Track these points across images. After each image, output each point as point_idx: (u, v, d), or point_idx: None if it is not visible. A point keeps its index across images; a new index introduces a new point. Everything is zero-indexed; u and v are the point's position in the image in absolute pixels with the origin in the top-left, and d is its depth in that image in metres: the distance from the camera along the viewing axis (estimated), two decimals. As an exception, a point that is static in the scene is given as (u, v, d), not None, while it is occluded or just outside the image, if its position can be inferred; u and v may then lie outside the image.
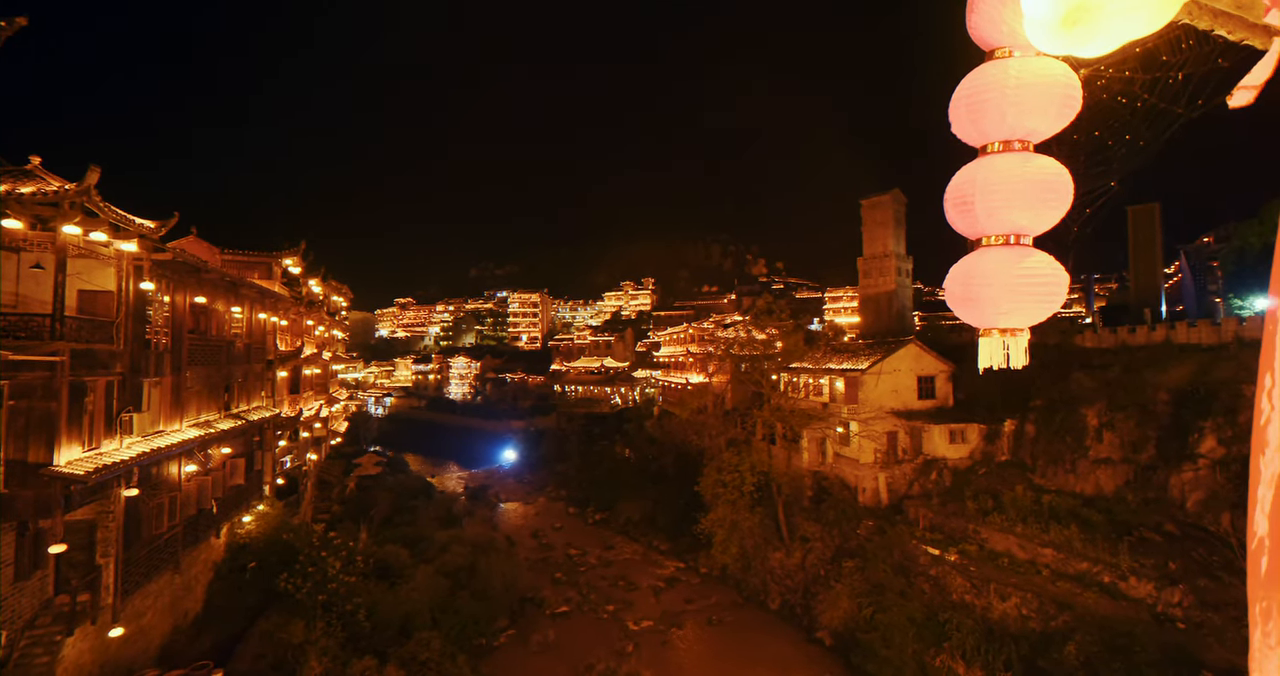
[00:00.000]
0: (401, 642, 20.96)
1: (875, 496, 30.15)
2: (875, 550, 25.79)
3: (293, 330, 31.73)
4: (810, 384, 36.71)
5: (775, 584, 29.44)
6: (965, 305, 3.06)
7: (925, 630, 21.21)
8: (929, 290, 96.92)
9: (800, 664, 24.20)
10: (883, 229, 49.77)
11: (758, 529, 30.47)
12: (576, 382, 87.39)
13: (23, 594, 12.91)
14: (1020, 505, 24.28)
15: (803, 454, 34.50)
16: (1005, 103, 2.92)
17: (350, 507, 36.72)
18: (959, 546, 23.95)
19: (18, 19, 10.45)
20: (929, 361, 33.03)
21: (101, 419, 14.53)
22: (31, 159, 13.39)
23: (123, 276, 15.22)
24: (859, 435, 31.08)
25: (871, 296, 50.58)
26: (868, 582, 24.66)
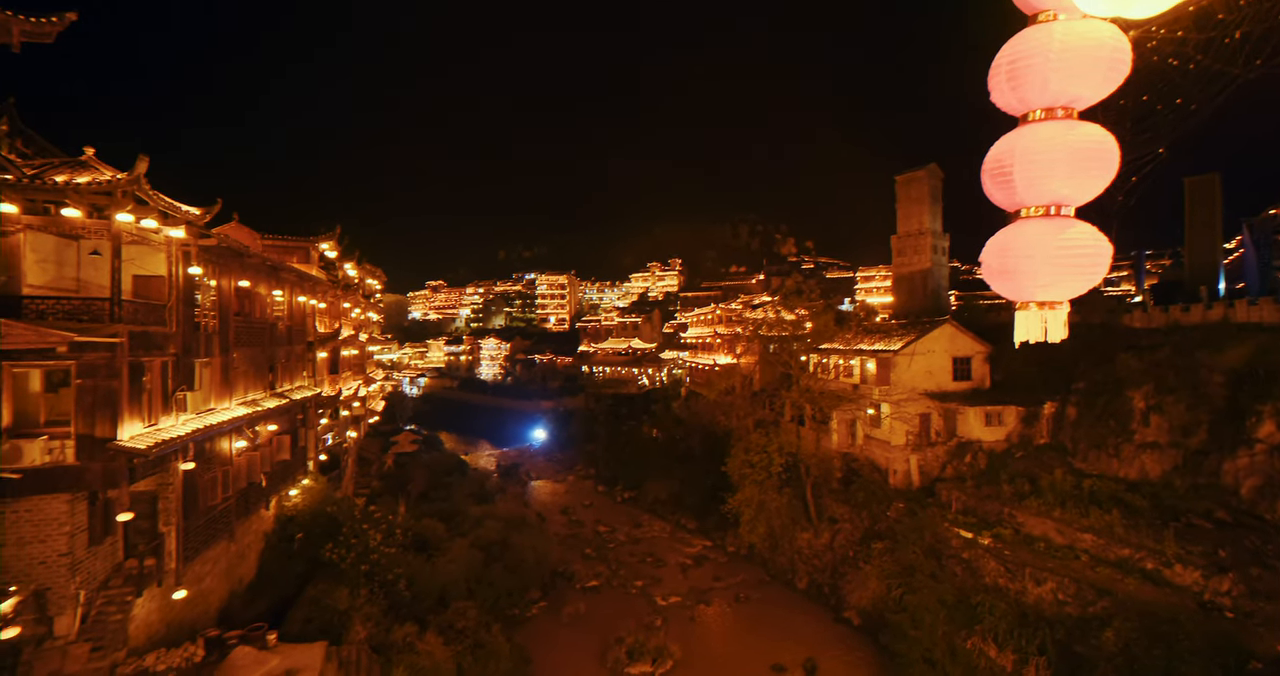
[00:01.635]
0: (439, 611, 21.94)
1: (906, 478, 29.79)
2: (906, 532, 25.60)
3: (330, 313, 32.77)
4: (840, 365, 36.18)
5: (803, 563, 29.60)
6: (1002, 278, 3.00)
7: (956, 612, 21.08)
8: (966, 268, 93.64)
9: (827, 642, 24.41)
10: (918, 205, 48.11)
11: (785, 509, 30.53)
12: (604, 363, 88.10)
13: (96, 557, 13.96)
14: (1059, 489, 23.67)
15: (832, 435, 34.20)
16: (1049, 68, 2.81)
17: (389, 483, 38.19)
18: (993, 530, 23.56)
19: (68, 14, 10.86)
20: (965, 342, 32.12)
21: (159, 397, 15.41)
22: (86, 150, 14.03)
23: (172, 262, 15.94)
24: (891, 417, 30.61)
25: (905, 275, 49.21)
26: (897, 564, 24.56)
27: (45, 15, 10.89)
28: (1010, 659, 19.05)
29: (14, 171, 12.60)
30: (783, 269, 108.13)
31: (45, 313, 12.87)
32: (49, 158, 15.66)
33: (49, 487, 12.85)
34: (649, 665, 22.85)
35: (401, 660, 18.04)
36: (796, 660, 23.01)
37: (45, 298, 13.22)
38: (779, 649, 23.94)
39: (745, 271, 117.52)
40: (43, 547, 12.97)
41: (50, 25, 10.73)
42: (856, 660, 23.14)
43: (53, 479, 12.83)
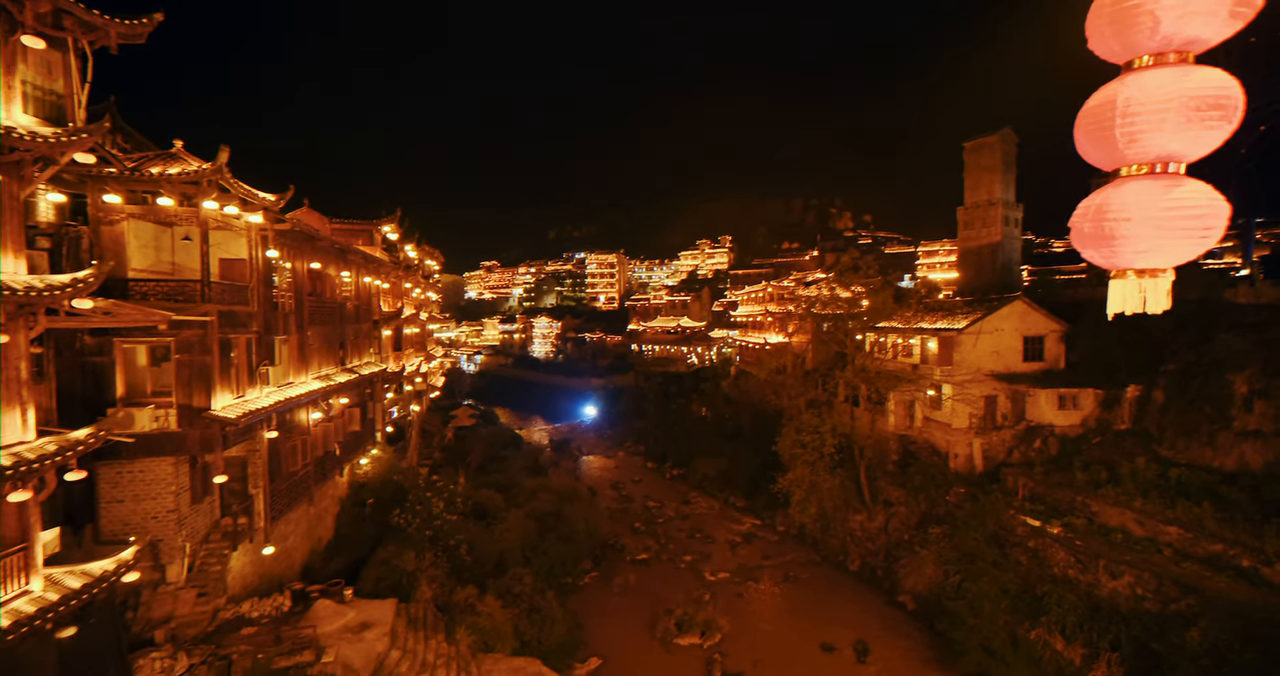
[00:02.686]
0: (497, 576, 23.12)
1: (968, 463, 28.58)
2: (966, 518, 24.69)
3: (393, 292, 34.29)
4: (899, 344, 34.77)
5: (855, 546, 29.15)
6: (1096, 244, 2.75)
7: (1019, 602, 20.28)
8: (1040, 241, 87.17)
9: (880, 625, 24.11)
10: (989, 174, 44.90)
11: (838, 490, 30.03)
12: (653, 342, 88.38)
13: (198, 514, 15.49)
14: (1141, 478, 22.08)
15: (888, 417, 33.13)
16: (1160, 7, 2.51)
17: (449, 455, 40.16)
18: (1064, 519, 22.35)
19: (155, 15, 11.59)
20: (1037, 320, 30.10)
21: (245, 371, 16.70)
22: (176, 142, 15.09)
23: (252, 245, 17.05)
24: (953, 398, 29.28)
25: (973, 249, 46.35)
26: (956, 550, 23.78)
27: (136, 17, 11.68)
28: (1079, 653, 18.21)
29: (117, 165, 13.74)
30: (838, 244, 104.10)
31: (147, 294, 14.11)
32: (144, 151, 16.95)
33: (156, 451, 14.28)
34: (698, 637, 23.33)
35: (464, 619, 19.20)
36: (846, 641, 22.88)
37: (146, 280, 14.48)
38: (829, 629, 23.86)
39: (798, 248, 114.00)
40: (154, 504, 14.50)
41: (142, 26, 11.51)
42: (909, 645, 22.76)
43: (159, 443, 14.24)
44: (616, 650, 22.65)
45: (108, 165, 13.74)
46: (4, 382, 9.87)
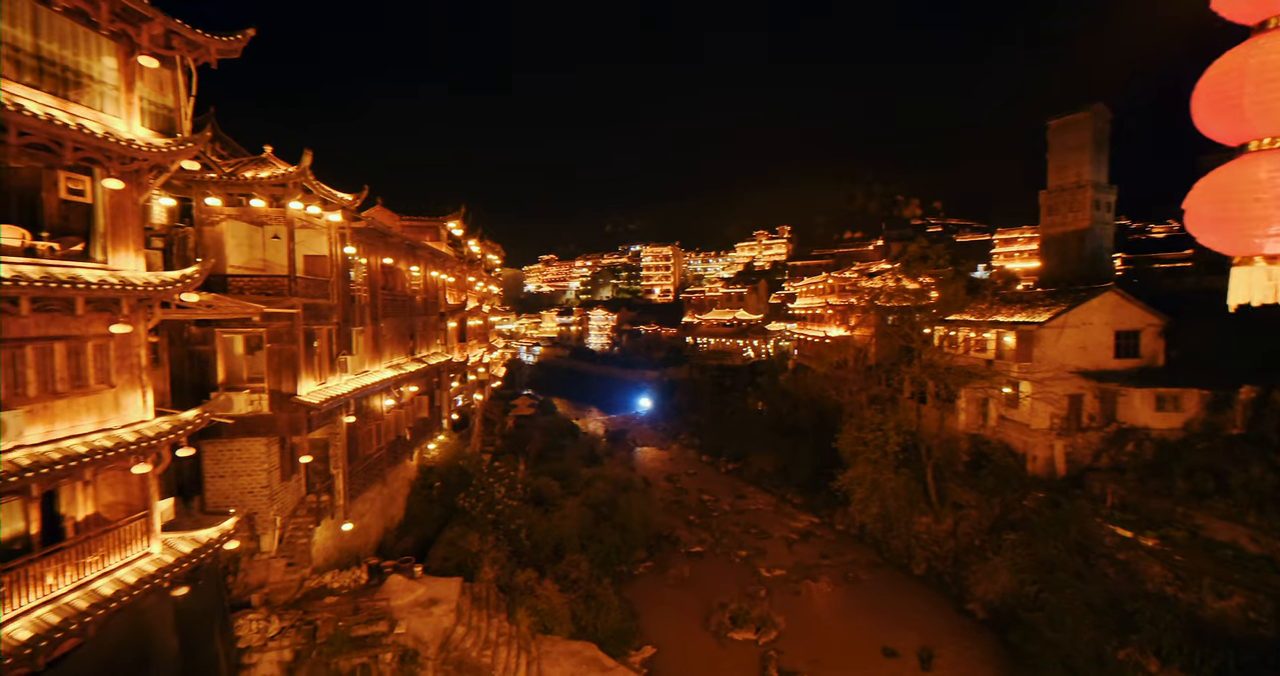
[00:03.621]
0: (555, 561, 23.82)
1: (1048, 466, 26.69)
2: (1045, 525, 23.09)
3: (458, 286, 35.74)
4: (971, 338, 32.82)
5: (921, 548, 27.92)
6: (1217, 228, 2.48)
7: (1106, 618, 18.82)
8: (1137, 226, 79.42)
9: (947, 633, 23.03)
10: (1077, 154, 41.37)
11: (902, 490, 28.82)
12: (708, 335, 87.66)
13: (287, 491, 16.86)
14: (1257, 488, 19.87)
15: (958, 415, 31.43)
16: (1304, -44, 2.19)
17: (510, 442, 41.62)
18: (1160, 530, 20.48)
19: (248, 31, 12.53)
20: (1132, 312, 27.58)
21: (326, 359, 17.95)
22: (266, 148, 16.33)
23: (332, 242, 18.24)
24: (1031, 397, 27.38)
25: (1057, 236, 42.97)
26: (1034, 558, 22.32)
27: (231, 34, 12.69)
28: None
29: (217, 171, 15.04)
30: (905, 233, 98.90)
31: (243, 288, 15.40)
32: (239, 157, 18.44)
33: (251, 432, 15.63)
34: (752, 632, 23.15)
35: (523, 601, 19.94)
36: (910, 646, 22.03)
37: (242, 276, 15.80)
38: (891, 633, 23.05)
39: (861, 237, 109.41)
40: (249, 480, 15.91)
41: (237, 42, 12.50)
42: (979, 656, 21.62)
43: (254, 425, 15.58)
44: (670, 640, 22.84)
45: (209, 171, 15.05)
46: (128, 368, 11.08)
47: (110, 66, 10.90)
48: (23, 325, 9.33)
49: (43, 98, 9.68)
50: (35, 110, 9.08)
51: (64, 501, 10.40)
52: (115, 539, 10.44)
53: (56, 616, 8.92)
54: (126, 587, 9.93)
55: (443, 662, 15.70)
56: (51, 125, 9.23)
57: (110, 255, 10.84)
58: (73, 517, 10.45)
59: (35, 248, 9.67)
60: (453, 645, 16.36)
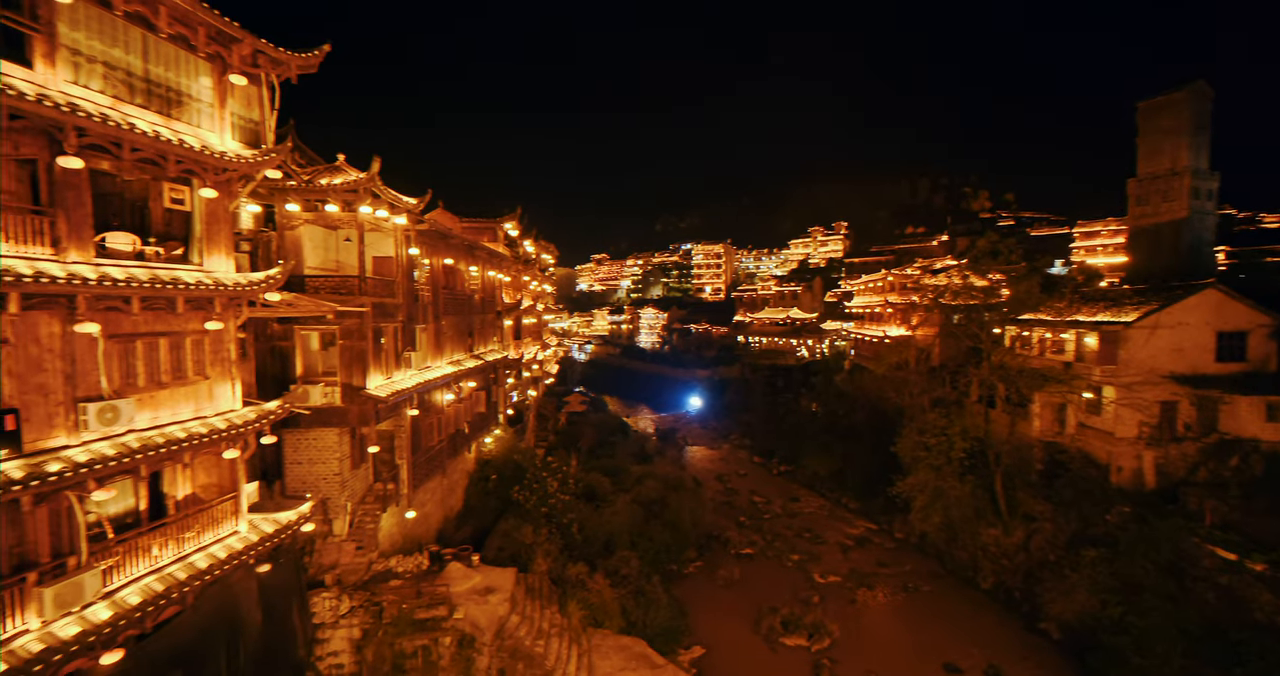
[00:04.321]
0: (605, 557, 24.12)
1: (1135, 478, 24.62)
2: (1132, 542, 21.33)
3: (513, 285, 36.79)
4: (1047, 339, 30.71)
5: (988, 561, 26.41)
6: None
7: (1203, 646, 17.18)
8: (1244, 216, 71.79)
9: (1016, 651, 21.70)
10: (1172, 137, 37.80)
11: (967, 499, 27.34)
12: (760, 334, 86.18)
13: (356, 479, 17.91)
14: (1387, 511, 17.58)
15: (1032, 420, 29.48)
16: None
17: (562, 438, 42.46)
18: (1271, 555, 18.47)
19: (324, 46, 13.36)
20: (1237, 311, 24.99)
21: (392, 355, 18.92)
22: (339, 156, 17.37)
23: (397, 244, 19.19)
24: (1116, 403, 25.33)
25: (1147, 228, 39.47)
26: (1118, 578, 20.67)
27: (309, 50, 13.59)
28: (1285, 715, 15.06)
29: (296, 178, 16.14)
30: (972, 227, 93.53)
31: (319, 288, 16.46)
32: (315, 165, 19.71)
33: (325, 422, 16.70)
34: (804, 639, 22.64)
35: (575, 594, 20.33)
36: (975, 663, 20.91)
37: (317, 276, 16.89)
38: (954, 648, 21.95)
39: (924, 232, 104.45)
40: (323, 467, 17.01)
41: (314, 57, 13.39)
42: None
43: (327, 416, 16.64)
44: (720, 641, 22.67)
45: (290, 179, 16.17)
46: (220, 361, 12.09)
47: (206, 85, 11.91)
48: (134, 322, 10.36)
49: (150, 117, 10.69)
50: (145, 128, 10.05)
51: (166, 481, 11.49)
52: (209, 517, 11.44)
53: (161, 585, 9.87)
54: (218, 562, 10.86)
55: (498, 649, 16.25)
56: (158, 141, 10.19)
57: (205, 258, 11.85)
58: (173, 496, 11.53)
59: (144, 252, 10.71)
60: (507, 633, 16.90)
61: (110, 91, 10.04)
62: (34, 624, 8.29)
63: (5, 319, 8.49)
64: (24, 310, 8.58)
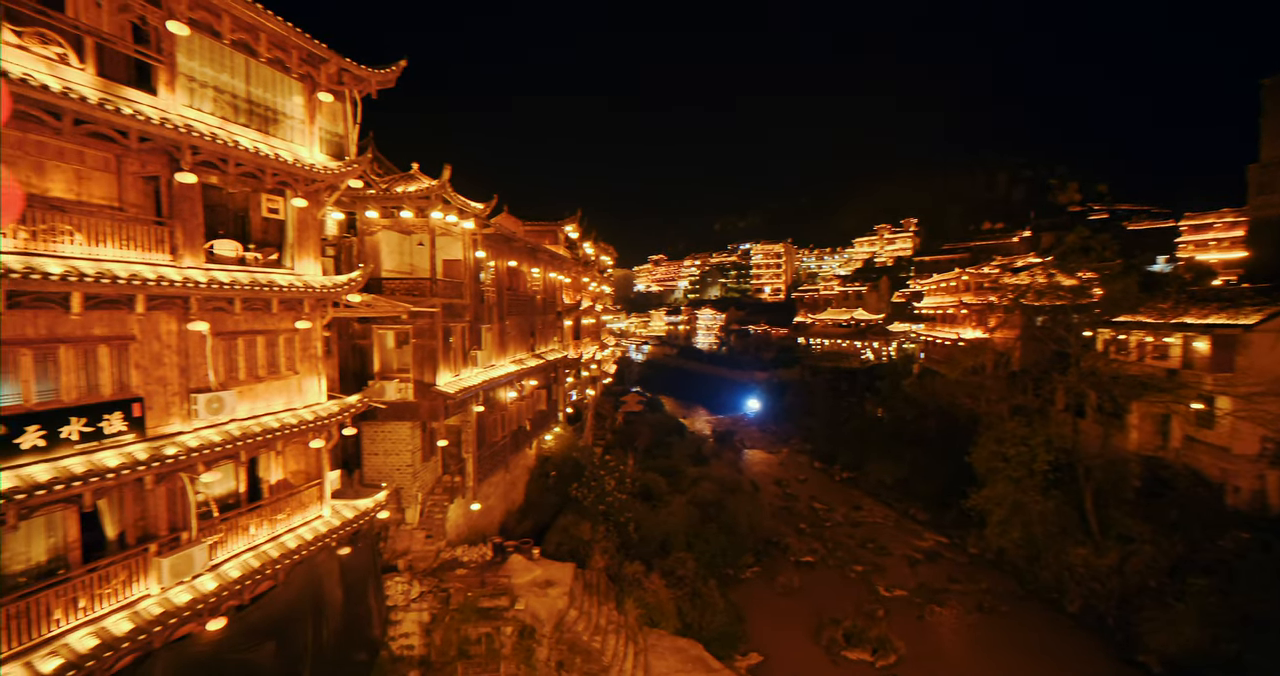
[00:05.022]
0: (661, 557, 24.14)
1: (1256, 500, 21.97)
2: (1252, 571, 19.05)
3: (573, 286, 37.56)
4: (1148, 343, 27.97)
5: (1075, 584, 24.33)
6: None
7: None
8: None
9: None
10: (1307, 117, 33.38)
11: (1051, 515, 25.34)
12: (822, 335, 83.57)
13: (426, 470, 18.86)
14: None
15: (1128, 432, 26.95)
16: None
17: (619, 437, 42.91)
18: None
19: (401, 62, 14.19)
20: (1390, 314, 21.77)
21: (460, 354, 19.79)
22: (413, 165, 18.40)
23: (465, 247, 20.06)
24: (1233, 415, 22.71)
25: (1272, 219, 35.06)
26: (1234, 611, 18.50)
27: (387, 66, 14.48)
28: None
29: (375, 187, 17.23)
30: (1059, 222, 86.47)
31: (394, 290, 17.48)
32: (391, 173, 20.95)
33: (399, 416, 17.70)
34: (868, 653, 21.72)
35: (631, 592, 20.48)
36: (1060, 692, 19.33)
37: (393, 278, 17.94)
38: (1035, 674, 20.39)
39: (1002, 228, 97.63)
40: (397, 459, 18.04)
41: (392, 73, 14.27)
42: (1152, 714, 18.40)
43: (401, 410, 17.63)
44: (778, 650, 22.14)
45: (369, 188, 17.27)
46: (308, 358, 13.09)
47: (297, 103, 12.93)
48: (235, 321, 11.40)
49: (251, 134, 11.74)
50: (247, 145, 11.05)
51: (261, 467, 12.56)
52: (297, 501, 12.40)
53: (257, 561, 10.80)
54: (306, 543, 11.76)
55: (556, 642, 16.64)
56: (258, 156, 11.16)
57: (296, 262, 12.86)
58: (267, 481, 12.59)
59: (245, 258, 11.77)
60: (566, 626, 17.27)
61: (218, 113, 11.10)
62: (154, 590, 9.29)
63: (133, 318, 9.57)
64: (148, 310, 9.63)
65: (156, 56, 9.95)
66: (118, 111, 8.79)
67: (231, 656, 10.36)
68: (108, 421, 8.98)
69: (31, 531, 8.57)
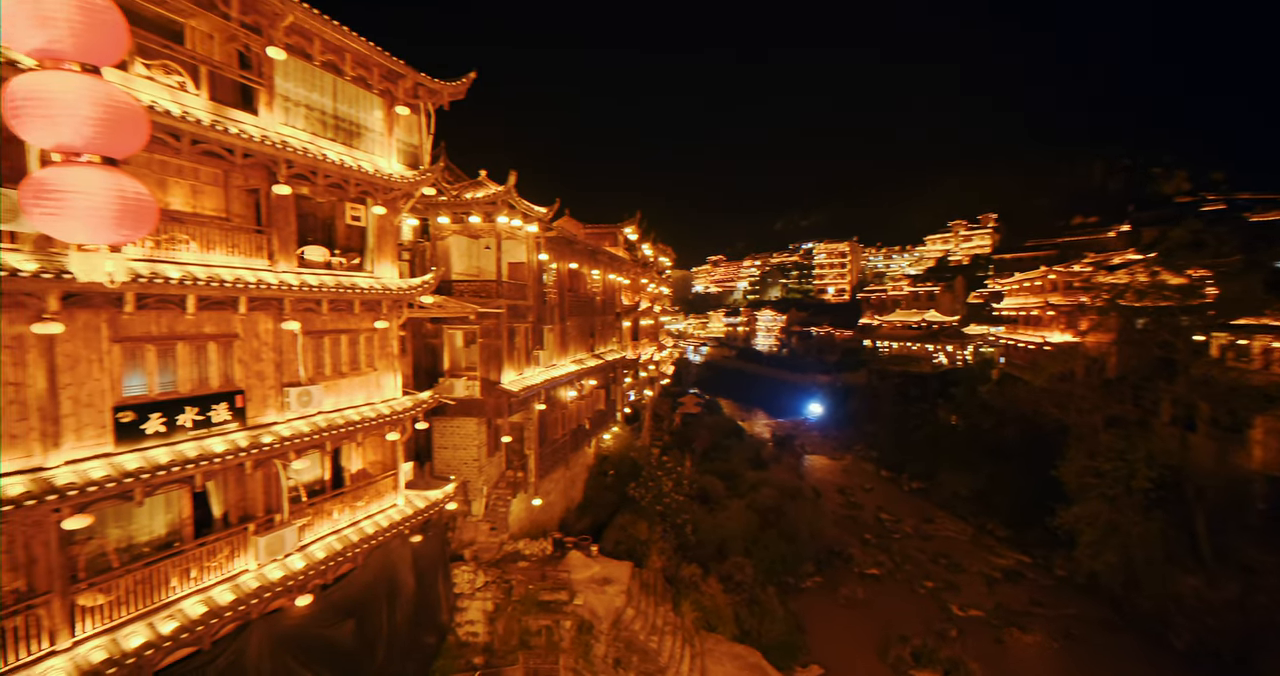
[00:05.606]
0: (719, 561, 23.88)
1: None
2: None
3: (632, 287, 37.87)
4: (1275, 349, 24.82)
5: (1184, 616, 21.97)
6: None
7: None
8: None
9: (1222, 727, 17.80)
10: None
11: (1154, 538, 23.01)
12: (890, 338, 79.79)
13: (491, 465, 19.59)
14: None
15: (1251, 449, 24.01)
16: None
17: (677, 439, 42.77)
18: None
19: (470, 75, 14.85)
20: None
21: (523, 353, 20.43)
22: (481, 172, 19.18)
23: (529, 250, 20.69)
24: (1383, 432, 19.72)
25: None
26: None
27: (458, 79, 15.20)
28: None
29: (447, 194, 18.11)
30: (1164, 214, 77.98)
31: (463, 291, 18.29)
32: (460, 180, 21.95)
33: (466, 412, 18.49)
34: (939, 674, 20.54)
35: (688, 594, 20.38)
36: (1164, 734, 17.50)
37: (462, 281, 18.78)
38: (1133, 711, 18.58)
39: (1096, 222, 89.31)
40: (464, 453, 18.84)
41: (463, 86, 14.96)
42: (1280, 768, 16.28)
43: (468, 407, 18.41)
44: (841, 664, 21.36)
45: (441, 195, 18.17)
46: (385, 356, 13.93)
47: (378, 117, 13.81)
48: (322, 320, 12.31)
49: (337, 148, 12.65)
50: (334, 158, 11.92)
51: (343, 456, 13.49)
52: (375, 490, 13.23)
53: (339, 544, 11.61)
54: (382, 529, 12.52)
55: (614, 639, 16.81)
56: (344, 168, 12.02)
57: (376, 266, 13.73)
58: (348, 470, 13.50)
59: (331, 263, 12.69)
60: (623, 624, 17.42)
61: (309, 129, 12.04)
62: (252, 565, 10.18)
63: (236, 318, 10.55)
64: (249, 311, 10.59)
65: (258, 80, 10.92)
66: (226, 131, 9.72)
67: (316, 631, 11.19)
68: (215, 411, 9.94)
69: (154, 508, 9.63)
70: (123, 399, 8.83)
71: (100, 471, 8.09)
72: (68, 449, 8.11)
